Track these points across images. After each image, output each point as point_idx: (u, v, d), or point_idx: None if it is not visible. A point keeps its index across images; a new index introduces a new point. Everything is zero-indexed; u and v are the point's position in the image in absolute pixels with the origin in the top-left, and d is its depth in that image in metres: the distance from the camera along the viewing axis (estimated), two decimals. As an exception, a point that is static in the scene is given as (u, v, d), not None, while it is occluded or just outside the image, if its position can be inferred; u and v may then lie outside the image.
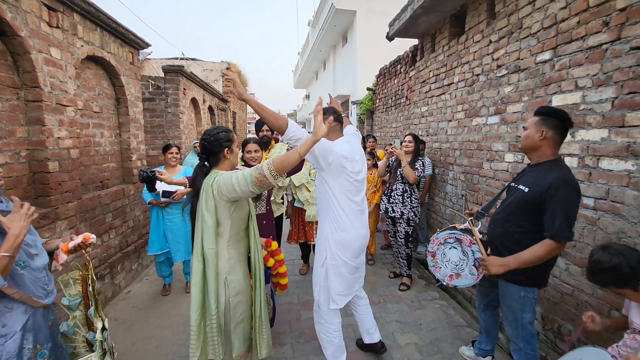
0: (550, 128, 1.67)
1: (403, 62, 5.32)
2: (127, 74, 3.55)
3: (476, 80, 3.20)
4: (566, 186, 1.58)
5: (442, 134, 3.94)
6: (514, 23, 2.64)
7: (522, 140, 1.77)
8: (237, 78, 1.74)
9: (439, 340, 2.50)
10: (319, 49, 14.58)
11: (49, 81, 2.41)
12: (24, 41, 2.21)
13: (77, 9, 2.69)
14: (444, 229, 2.03)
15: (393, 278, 3.58)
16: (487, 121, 3.03)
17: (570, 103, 2.13)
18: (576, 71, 2.08)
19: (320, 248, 2.05)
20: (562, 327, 2.20)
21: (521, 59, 2.57)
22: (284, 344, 2.47)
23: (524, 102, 2.55)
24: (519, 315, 1.80)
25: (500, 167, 2.85)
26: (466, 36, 3.36)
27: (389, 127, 6.12)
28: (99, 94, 3.21)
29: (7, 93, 2.22)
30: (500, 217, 1.85)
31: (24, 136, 2.34)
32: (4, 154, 2.18)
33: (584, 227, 2.03)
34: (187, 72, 5.64)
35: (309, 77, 21.03)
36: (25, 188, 2.34)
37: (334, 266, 2.00)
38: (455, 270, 1.96)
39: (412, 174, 3.23)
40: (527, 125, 1.75)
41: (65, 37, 2.60)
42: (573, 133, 2.11)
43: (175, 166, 3.19)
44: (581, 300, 2.06)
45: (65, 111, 2.60)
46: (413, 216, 3.32)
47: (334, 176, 1.94)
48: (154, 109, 5.32)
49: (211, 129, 1.70)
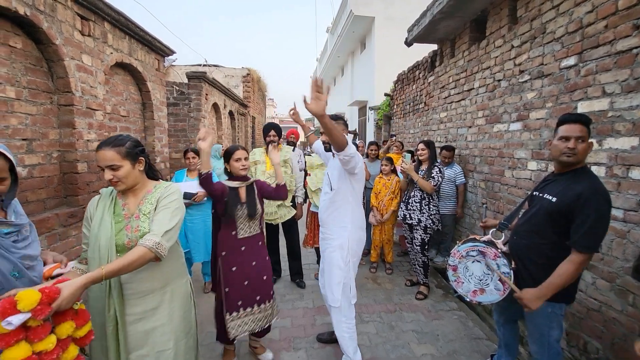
0: (589, 137, 1.60)
1: (422, 67, 5.28)
2: (152, 79, 3.69)
3: (497, 85, 3.14)
4: (597, 196, 1.50)
5: (462, 140, 3.87)
6: (537, 28, 2.58)
7: (582, 154, 1.57)
8: (324, 97, 1.60)
9: (457, 353, 2.43)
10: (337, 55, 14.67)
11: (80, 86, 2.54)
12: (59, 49, 2.34)
13: (107, 18, 2.84)
14: (465, 241, 1.92)
15: (410, 286, 3.51)
16: (509, 128, 2.96)
17: (597, 110, 2.06)
18: (603, 77, 2.01)
19: (343, 248, 2.12)
20: (588, 344, 2.09)
21: (545, 64, 2.50)
22: (298, 349, 2.46)
23: (548, 109, 2.47)
24: (546, 332, 1.70)
25: (522, 175, 2.76)
26: (487, 41, 3.31)
27: (406, 133, 6.06)
28: (126, 99, 3.35)
29: (42, 97, 2.35)
30: (525, 228, 1.76)
31: (56, 138, 2.47)
32: (37, 155, 2.30)
33: (613, 240, 1.93)
34: (209, 78, 5.80)
35: (327, 83, 21.19)
36: (55, 188, 2.46)
37: (354, 263, 2.17)
38: (480, 286, 1.83)
39: (427, 185, 3.18)
40: (584, 136, 1.57)
41: (96, 44, 2.74)
42: (600, 141, 2.03)
43: (195, 170, 3.27)
44: (609, 317, 1.96)
45: (95, 115, 2.73)
46: (431, 224, 3.25)
47: (359, 178, 2.14)
48: (178, 114, 5.49)
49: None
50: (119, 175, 1.37)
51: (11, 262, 1.19)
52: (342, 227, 2.13)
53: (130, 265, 1.26)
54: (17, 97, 2.15)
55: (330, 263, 2.13)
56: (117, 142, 1.39)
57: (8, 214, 1.25)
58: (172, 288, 1.54)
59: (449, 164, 3.80)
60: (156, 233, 1.33)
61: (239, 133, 8.45)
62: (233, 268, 2.05)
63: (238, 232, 2.06)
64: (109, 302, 1.39)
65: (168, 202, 1.44)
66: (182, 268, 1.64)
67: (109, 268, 1.21)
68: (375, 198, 3.83)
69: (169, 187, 1.50)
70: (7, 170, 1.20)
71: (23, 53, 2.21)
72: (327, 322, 2.66)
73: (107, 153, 1.36)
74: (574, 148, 1.57)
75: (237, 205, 2.04)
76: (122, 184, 1.40)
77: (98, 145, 1.39)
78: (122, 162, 1.37)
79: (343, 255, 2.11)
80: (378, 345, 2.50)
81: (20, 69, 2.19)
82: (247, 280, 2.07)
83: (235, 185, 2.09)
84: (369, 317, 2.91)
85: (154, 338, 1.47)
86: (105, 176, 1.38)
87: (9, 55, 2.10)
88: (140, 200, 1.46)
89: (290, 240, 3.51)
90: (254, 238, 2.13)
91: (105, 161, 1.36)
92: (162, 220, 1.38)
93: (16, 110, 2.15)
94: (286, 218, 3.33)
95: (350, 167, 1.99)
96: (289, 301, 3.17)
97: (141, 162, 1.46)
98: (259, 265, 2.13)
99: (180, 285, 1.60)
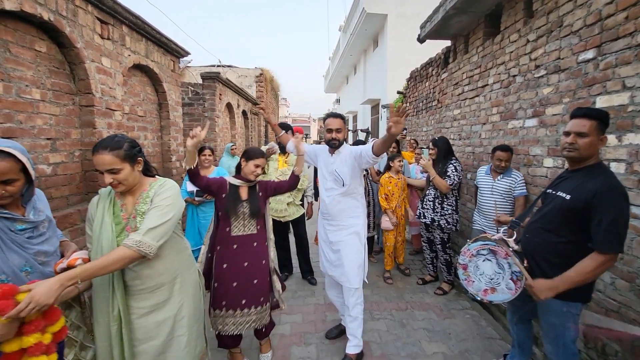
0: (603, 132, 1.56)
1: (435, 64, 5.21)
2: (168, 80, 3.79)
3: (512, 81, 3.07)
4: (614, 193, 1.46)
5: (476, 137, 3.81)
6: (554, 21, 2.52)
7: (583, 149, 1.55)
8: (403, 121, 1.79)
9: (469, 352, 2.41)
10: (349, 54, 14.62)
11: (99, 88, 2.65)
12: (80, 52, 2.44)
13: (125, 22, 2.94)
14: (476, 240, 1.89)
15: (421, 285, 3.49)
16: (525, 124, 2.89)
17: (616, 104, 1.99)
18: (623, 70, 1.94)
19: (360, 234, 2.31)
20: (607, 346, 2.03)
21: (561, 58, 2.44)
22: (309, 344, 2.49)
23: (565, 104, 2.41)
24: (561, 332, 1.66)
25: (538, 172, 2.70)
26: (502, 36, 3.24)
27: (419, 131, 6.00)
28: (143, 99, 3.46)
29: (65, 99, 2.46)
30: (538, 226, 1.74)
31: (78, 138, 2.58)
32: (61, 154, 2.41)
33: (633, 239, 1.87)
34: (223, 78, 5.90)
35: (339, 81, 21.11)
36: (77, 185, 2.57)
37: (365, 245, 2.37)
38: (491, 285, 1.80)
39: (442, 184, 3.13)
40: (586, 131, 1.54)
41: (114, 47, 2.84)
42: (620, 137, 1.96)
43: (209, 167, 3.35)
44: (629, 318, 1.90)
45: (114, 115, 2.83)
46: (445, 223, 3.21)
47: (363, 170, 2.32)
48: (192, 114, 5.62)
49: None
50: (119, 178, 1.36)
51: (23, 257, 1.24)
52: (356, 217, 2.30)
53: (110, 265, 1.25)
54: (42, 98, 2.26)
55: (350, 250, 2.26)
56: (114, 144, 1.36)
57: (27, 211, 1.29)
58: (181, 279, 1.58)
59: (505, 169, 2.85)
60: (139, 232, 1.33)
61: (252, 132, 8.55)
62: (224, 265, 2.04)
63: (232, 229, 2.04)
64: (112, 302, 1.42)
65: (159, 199, 1.42)
66: (189, 259, 1.69)
67: (84, 268, 1.22)
68: (387, 200, 3.55)
69: (163, 185, 1.49)
70: (17, 171, 1.21)
71: (47, 56, 2.32)
72: (338, 319, 2.67)
73: (106, 157, 1.33)
74: (572, 143, 1.57)
75: (236, 202, 2.04)
76: (123, 186, 1.40)
77: (94, 147, 1.37)
78: (121, 164, 1.36)
79: (361, 240, 2.30)
80: (388, 343, 2.50)
81: (45, 72, 2.29)
82: (235, 282, 2.03)
83: (237, 183, 2.09)
84: (379, 314, 2.91)
85: (166, 327, 1.52)
86: (105, 180, 1.37)
87: (35, 59, 2.21)
88: (136, 200, 1.47)
89: (299, 238, 3.55)
90: (248, 237, 2.07)
91: (104, 165, 1.34)
92: (148, 219, 1.37)
93: (41, 111, 2.26)
94: (295, 216, 3.37)
95: (373, 163, 2.15)
96: (300, 297, 3.21)
97: (140, 162, 1.46)
98: (251, 268, 2.06)
99: (189, 275, 1.64)
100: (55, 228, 1.43)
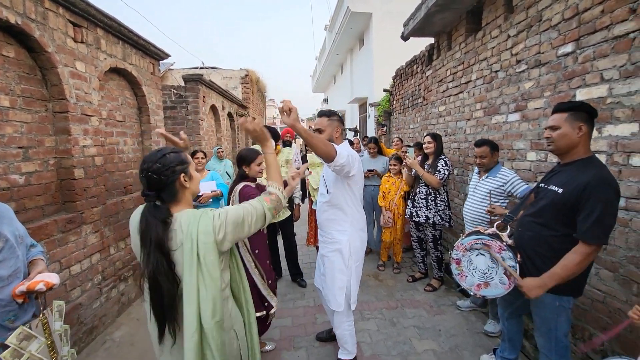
0: (584, 122, 1.56)
1: (419, 61, 5.23)
2: (148, 83, 3.70)
3: (495, 77, 3.09)
4: (604, 186, 1.46)
5: (461, 133, 3.83)
6: (533, 16, 2.53)
7: (557, 140, 1.60)
8: (295, 109, 1.64)
9: (459, 348, 2.41)
10: (336, 53, 14.60)
11: (74, 93, 2.55)
12: (51, 56, 2.35)
13: (100, 24, 2.84)
14: (469, 234, 1.88)
15: (412, 282, 3.49)
16: (507, 119, 2.91)
17: (595, 97, 2.01)
18: (601, 63, 1.96)
19: (344, 253, 2.07)
20: (594, 335, 2.05)
21: (542, 52, 2.46)
22: (299, 348, 2.46)
23: (546, 98, 2.43)
24: (554, 326, 1.67)
25: (522, 166, 2.72)
26: (483, 32, 3.26)
27: (406, 129, 6.02)
28: (122, 104, 3.36)
29: (37, 105, 2.36)
30: (531, 219, 1.73)
31: (52, 145, 2.48)
32: (34, 162, 2.31)
33: (615, 229, 1.89)
34: (206, 80, 5.80)
35: (326, 81, 21.08)
36: (53, 194, 2.48)
37: (357, 267, 2.13)
38: (484, 279, 1.79)
39: (433, 179, 3.13)
40: (556, 124, 1.60)
41: (89, 51, 2.74)
42: (600, 129, 1.98)
43: (202, 171, 3.30)
44: (614, 307, 1.92)
45: (90, 121, 2.73)
46: (439, 220, 3.21)
47: (356, 180, 2.08)
48: (175, 117, 5.50)
49: (153, 152, 1.21)
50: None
51: None
52: (341, 231, 2.09)
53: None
54: (11, 105, 2.16)
55: (332, 267, 2.10)
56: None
57: None
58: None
59: (485, 165, 2.63)
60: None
61: (238, 135, 8.45)
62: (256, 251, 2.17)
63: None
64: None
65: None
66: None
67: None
68: (384, 198, 3.72)
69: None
70: None
71: (16, 62, 2.21)
72: (328, 321, 2.64)
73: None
74: (548, 137, 1.64)
75: None
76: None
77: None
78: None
79: (344, 260, 2.08)
80: (379, 342, 2.48)
81: (14, 78, 2.19)
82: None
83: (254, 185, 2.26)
84: (370, 314, 2.89)
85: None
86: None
87: (2, 64, 2.11)
88: None
89: (287, 240, 3.50)
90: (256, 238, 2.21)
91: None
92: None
93: (11, 119, 2.16)
94: (281, 218, 3.33)
95: (345, 173, 1.94)
96: (290, 300, 3.17)
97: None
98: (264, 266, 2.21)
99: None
100: (15, 249, 1.30)
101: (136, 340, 2.63)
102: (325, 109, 2.29)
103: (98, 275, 2.78)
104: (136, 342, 2.60)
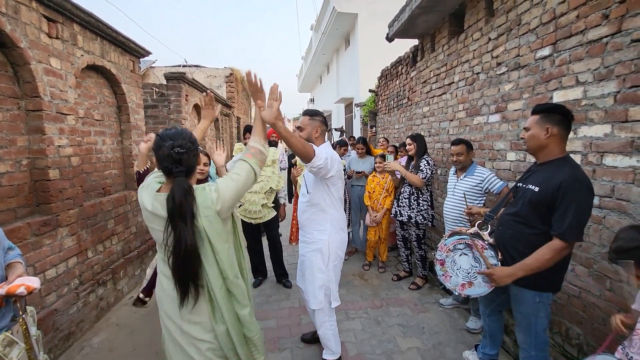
0: (555, 124, 1.61)
1: (404, 63, 5.28)
2: (128, 81, 3.59)
3: (476, 78, 3.15)
4: (578, 184, 1.52)
5: (444, 134, 3.89)
6: (513, 19, 2.60)
7: (527, 141, 1.70)
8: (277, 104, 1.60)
9: (442, 345, 2.45)
10: (322, 53, 14.61)
11: (49, 91, 2.45)
12: (24, 52, 2.24)
13: (76, 20, 2.74)
14: (452, 234, 1.91)
15: (396, 281, 3.52)
16: (488, 120, 2.98)
17: (571, 99, 2.08)
18: (577, 66, 2.03)
19: (323, 252, 2.09)
20: (570, 330, 2.12)
21: (521, 55, 2.52)
22: (283, 349, 2.44)
23: (525, 100, 2.49)
24: (533, 322, 1.71)
25: (502, 166, 2.79)
26: (465, 35, 3.32)
27: (391, 129, 6.07)
28: (100, 102, 3.26)
29: (8, 103, 2.25)
30: (510, 218, 1.77)
31: (25, 145, 2.37)
32: (5, 163, 2.21)
33: (590, 226, 1.96)
34: (189, 78, 5.69)
35: (313, 81, 21.06)
36: (26, 196, 2.37)
37: (335, 266, 2.15)
38: (468, 279, 1.83)
39: (416, 179, 3.17)
40: (528, 125, 1.69)
41: (65, 47, 2.64)
42: (575, 129, 2.05)
43: None
44: (589, 302, 1.99)
45: (66, 120, 2.63)
46: (422, 219, 3.25)
47: (334, 180, 2.07)
48: (157, 116, 5.37)
49: (177, 131, 1.30)
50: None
51: None
52: (321, 231, 2.11)
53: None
54: (-21, 103, 2.05)
55: (312, 267, 2.10)
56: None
57: None
58: None
59: (461, 164, 2.70)
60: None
61: (223, 134, 8.34)
62: None
63: None
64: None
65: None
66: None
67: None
68: (370, 198, 3.77)
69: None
70: None
71: (-16, 57, 2.11)
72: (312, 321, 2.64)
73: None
74: (522, 137, 1.74)
75: None
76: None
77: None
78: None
79: (324, 259, 2.10)
80: (364, 341, 2.50)
81: (-18, 74, 2.09)
82: None
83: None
84: (355, 313, 2.90)
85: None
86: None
87: (-31, 59, 2.01)
88: None
89: (272, 241, 3.48)
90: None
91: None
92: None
93: (-21, 117, 2.05)
94: (267, 218, 3.30)
95: (322, 175, 1.96)
96: (275, 302, 3.14)
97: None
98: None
99: None
100: None
101: (115, 345, 2.55)
102: (311, 108, 2.27)
103: (75, 279, 2.68)
104: (115, 347, 2.53)
